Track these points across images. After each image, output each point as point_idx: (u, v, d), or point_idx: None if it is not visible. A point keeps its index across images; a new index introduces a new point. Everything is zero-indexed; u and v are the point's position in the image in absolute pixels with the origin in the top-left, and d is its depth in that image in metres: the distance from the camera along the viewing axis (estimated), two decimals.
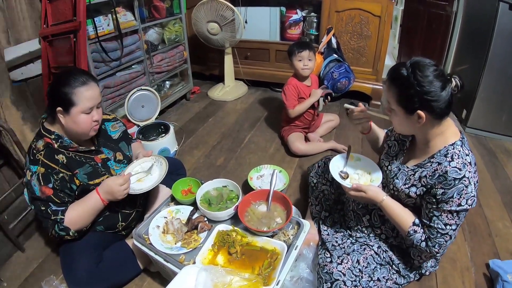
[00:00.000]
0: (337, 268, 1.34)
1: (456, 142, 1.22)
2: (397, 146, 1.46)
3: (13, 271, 1.65)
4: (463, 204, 1.17)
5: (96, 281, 1.41)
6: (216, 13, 3.01)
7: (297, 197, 2.10)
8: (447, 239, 1.23)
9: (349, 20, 3.01)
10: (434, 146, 1.26)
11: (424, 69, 1.14)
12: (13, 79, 2.03)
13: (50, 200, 1.37)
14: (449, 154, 1.20)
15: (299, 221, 1.45)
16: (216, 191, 1.60)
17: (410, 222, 1.30)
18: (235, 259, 1.28)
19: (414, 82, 1.13)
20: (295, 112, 2.47)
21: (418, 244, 1.28)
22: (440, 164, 1.21)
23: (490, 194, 2.15)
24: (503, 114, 2.69)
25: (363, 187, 1.33)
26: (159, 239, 1.40)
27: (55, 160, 1.39)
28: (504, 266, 1.53)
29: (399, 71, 1.19)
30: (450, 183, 1.17)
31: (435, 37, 3.56)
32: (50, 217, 1.37)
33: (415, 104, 1.16)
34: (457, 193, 1.17)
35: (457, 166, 1.17)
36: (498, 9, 2.38)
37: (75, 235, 1.42)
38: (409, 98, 1.16)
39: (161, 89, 3.22)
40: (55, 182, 1.37)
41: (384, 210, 1.35)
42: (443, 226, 1.21)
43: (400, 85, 1.18)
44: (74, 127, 1.42)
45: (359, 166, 1.50)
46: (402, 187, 1.33)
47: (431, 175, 1.23)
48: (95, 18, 2.19)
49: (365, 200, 1.37)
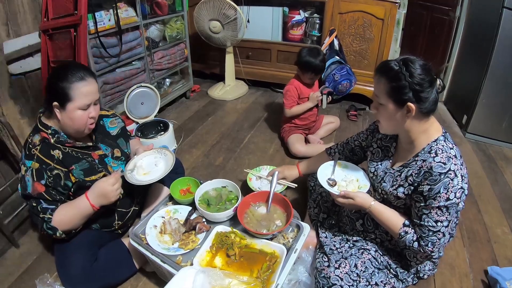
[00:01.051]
0: (334, 272, 1.33)
1: (438, 137, 1.23)
2: (381, 152, 1.47)
3: (7, 267, 1.62)
4: (451, 198, 1.16)
5: (90, 280, 1.39)
6: (218, 12, 2.99)
7: (296, 199, 2.08)
8: (439, 237, 1.22)
9: (352, 22, 3.01)
10: (418, 144, 1.27)
11: (415, 62, 1.17)
12: (11, 72, 2.00)
13: (41, 197, 1.34)
14: (433, 150, 1.21)
15: (299, 224, 1.43)
16: (215, 192, 1.58)
17: (400, 223, 1.30)
18: (233, 262, 1.26)
19: (406, 73, 1.15)
20: (291, 112, 2.49)
21: (410, 245, 1.27)
22: (424, 161, 1.21)
23: (489, 201, 2.15)
24: (504, 121, 2.69)
25: (350, 193, 1.35)
26: (156, 239, 1.38)
27: (51, 156, 1.37)
28: (502, 273, 1.53)
29: (389, 64, 1.21)
30: (435, 178, 1.17)
31: (437, 42, 3.56)
32: (39, 214, 1.34)
33: (406, 95, 1.17)
34: (443, 187, 1.16)
35: (442, 161, 1.17)
36: (501, 16, 2.39)
37: (63, 236, 1.37)
38: (400, 89, 1.17)
39: (161, 86, 3.20)
40: (48, 179, 1.34)
41: (374, 215, 1.36)
42: (434, 223, 1.20)
43: (391, 77, 1.19)
44: (69, 123, 1.39)
45: (346, 173, 1.52)
46: (390, 189, 1.33)
47: (416, 173, 1.23)
48: (96, 12, 2.17)
49: (353, 206, 1.39)
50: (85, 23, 2.04)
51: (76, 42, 2.07)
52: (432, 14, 3.62)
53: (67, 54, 2.14)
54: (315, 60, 2.32)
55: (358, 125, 3.05)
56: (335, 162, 1.54)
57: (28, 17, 2.11)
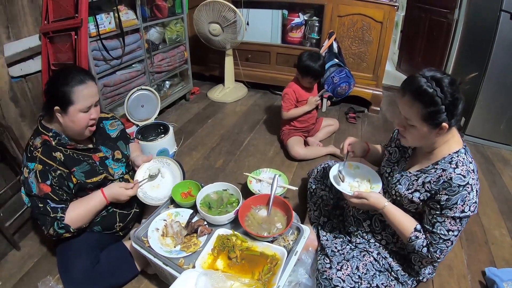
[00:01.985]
0: (336, 274, 1.34)
1: (460, 150, 1.24)
2: (398, 152, 1.47)
3: (9, 270, 1.63)
4: (466, 210, 1.18)
5: (92, 282, 1.40)
6: (218, 14, 3.00)
7: (296, 201, 2.09)
8: (448, 245, 1.24)
9: (351, 25, 3.02)
10: (438, 153, 1.27)
11: (445, 80, 1.13)
12: (12, 75, 2.01)
13: (48, 198, 1.36)
14: (454, 161, 1.21)
15: (299, 227, 1.44)
16: (216, 195, 1.59)
17: (412, 228, 1.30)
18: (234, 264, 1.27)
19: (441, 96, 1.12)
20: (288, 115, 2.51)
21: (419, 250, 1.28)
22: (444, 171, 1.22)
23: (487, 202, 2.16)
24: (501, 123, 2.71)
25: (364, 194, 1.33)
26: (158, 242, 1.38)
27: (53, 157, 1.39)
28: (500, 274, 1.55)
29: (422, 87, 1.14)
30: (454, 189, 1.18)
31: (435, 44, 3.58)
32: (49, 214, 1.35)
33: (442, 118, 1.15)
34: (461, 199, 1.17)
35: (462, 173, 1.18)
36: (499, 19, 2.40)
37: (75, 233, 1.42)
38: (437, 113, 1.14)
39: (161, 89, 3.21)
40: (53, 179, 1.37)
41: (386, 216, 1.35)
42: (446, 232, 1.22)
43: (427, 102, 1.14)
44: (71, 125, 1.42)
45: (358, 174, 1.51)
46: (405, 192, 1.33)
47: (435, 181, 1.24)
48: (97, 15, 2.18)
49: (366, 207, 1.38)
50: (85, 26, 2.05)
51: (77, 45, 2.08)
52: (431, 16, 3.64)
53: (67, 57, 2.15)
54: (315, 65, 2.33)
55: (357, 127, 3.06)
56: (346, 158, 1.53)
57: (28, 20, 2.11)
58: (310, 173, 1.91)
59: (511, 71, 2.50)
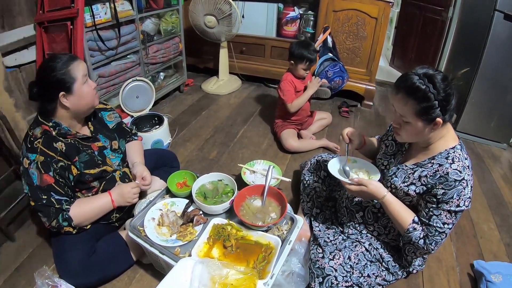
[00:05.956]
0: (329, 263, 1.38)
1: (456, 146, 1.27)
2: (395, 146, 1.49)
3: (3, 261, 1.62)
4: (461, 205, 1.22)
5: (89, 272, 1.41)
6: (213, 6, 2.99)
7: (289, 193, 2.12)
8: (443, 237, 1.27)
9: (346, 20, 3.03)
10: (435, 148, 1.30)
11: (437, 76, 1.16)
12: (6, 65, 1.99)
13: (52, 189, 1.36)
14: (450, 156, 1.25)
15: (292, 217, 1.47)
16: (211, 185, 1.60)
17: (410, 219, 1.32)
18: (230, 253, 1.29)
19: (434, 92, 1.14)
20: (294, 106, 2.47)
21: (416, 242, 1.31)
22: (441, 166, 1.25)
23: (476, 197, 2.20)
24: (492, 120, 2.76)
25: (364, 181, 1.34)
26: (155, 231, 1.39)
27: (54, 148, 1.38)
28: (488, 266, 1.59)
29: (415, 84, 1.17)
30: (450, 184, 1.21)
31: (429, 41, 3.61)
32: (53, 205, 1.36)
33: (435, 113, 1.17)
34: (456, 194, 1.21)
35: (458, 169, 1.22)
36: (493, 18, 2.43)
37: (74, 230, 1.43)
38: (430, 108, 1.17)
39: (155, 80, 3.20)
40: (55, 170, 1.37)
41: (385, 206, 1.36)
42: (441, 225, 1.25)
43: (420, 98, 1.17)
44: (81, 102, 1.43)
45: (356, 167, 1.52)
46: (401, 185, 1.36)
47: (432, 175, 1.27)
48: (93, 5, 2.16)
49: (365, 195, 1.37)
50: (82, 16, 2.04)
51: (72, 35, 2.07)
52: (425, 14, 3.67)
53: (62, 47, 2.13)
54: (307, 48, 2.36)
55: (349, 121, 3.10)
56: (347, 149, 1.54)
57: (23, 9, 2.09)
58: (303, 165, 1.93)
59: (502, 70, 2.55)
